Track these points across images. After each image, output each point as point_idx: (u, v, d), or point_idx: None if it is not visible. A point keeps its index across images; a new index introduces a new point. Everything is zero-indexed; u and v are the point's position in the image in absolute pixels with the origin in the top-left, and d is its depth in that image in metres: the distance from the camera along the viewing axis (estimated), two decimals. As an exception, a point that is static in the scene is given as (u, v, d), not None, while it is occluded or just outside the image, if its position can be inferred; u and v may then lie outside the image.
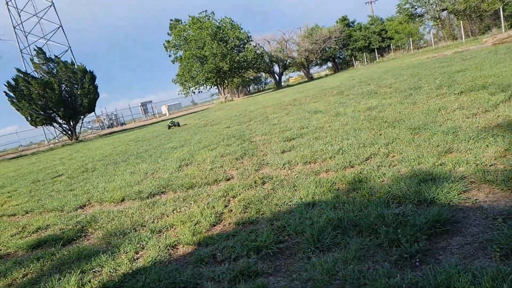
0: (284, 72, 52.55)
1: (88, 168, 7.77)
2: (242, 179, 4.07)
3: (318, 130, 6.06)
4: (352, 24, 50.70)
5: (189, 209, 3.39)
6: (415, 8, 38.53)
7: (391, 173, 3.07)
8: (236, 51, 39.79)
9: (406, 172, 3.05)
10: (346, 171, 3.47)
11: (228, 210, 3.17)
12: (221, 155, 5.83)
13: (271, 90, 48.07)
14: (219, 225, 2.90)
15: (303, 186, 3.31)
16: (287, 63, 49.57)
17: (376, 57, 44.56)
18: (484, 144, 3.20)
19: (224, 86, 41.25)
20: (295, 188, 3.33)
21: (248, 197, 3.35)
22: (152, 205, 3.80)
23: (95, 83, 25.14)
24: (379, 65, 31.38)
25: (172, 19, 41.08)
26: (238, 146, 6.26)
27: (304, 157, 4.35)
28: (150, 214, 3.49)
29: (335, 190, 3.03)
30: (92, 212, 4.10)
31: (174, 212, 3.40)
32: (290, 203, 2.97)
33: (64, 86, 23.84)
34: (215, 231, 2.79)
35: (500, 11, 23.95)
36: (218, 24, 39.04)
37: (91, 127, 44.48)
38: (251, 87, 60.90)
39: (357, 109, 7.35)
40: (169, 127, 15.31)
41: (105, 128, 43.63)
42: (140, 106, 51.27)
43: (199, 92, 43.01)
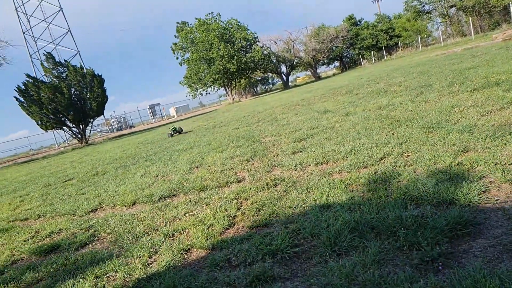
0: (291, 72, 52.43)
1: (99, 171, 7.82)
2: (254, 181, 4.04)
3: (328, 130, 6.00)
4: (359, 23, 50.40)
5: (201, 212, 3.37)
6: (423, 5, 38.10)
7: (407, 173, 3.01)
8: (243, 52, 39.85)
9: (422, 172, 2.98)
10: (360, 172, 3.41)
11: (241, 212, 3.14)
12: (231, 156, 5.80)
13: (278, 90, 47.99)
14: (232, 228, 2.87)
15: (316, 187, 3.26)
16: (294, 63, 49.45)
17: (384, 55, 44.19)
18: (501, 142, 3.11)
19: (232, 87, 41.31)
20: (308, 190, 3.28)
21: (260, 199, 3.32)
22: (164, 208, 3.78)
23: (103, 87, 25.39)
24: (387, 63, 31.11)
25: (178, 22, 41.31)
26: (248, 148, 6.23)
27: (316, 158, 4.30)
28: (162, 217, 3.47)
29: (350, 191, 2.98)
30: (104, 215, 4.10)
31: (186, 215, 3.38)
32: (304, 205, 2.93)
33: (73, 90, 24.11)
34: (229, 234, 2.76)
35: (509, 6, 23.56)
36: (224, 25, 39.14)
37: (100, 130, 44.91)
38: (258, 88, 60.88)
39: (367, 108, 7.27)
40: (171, 135, 12.77)
41: (114, 131, 44.03)
42: (148, 108, 51.62)
43: (206, 93, 43.20)
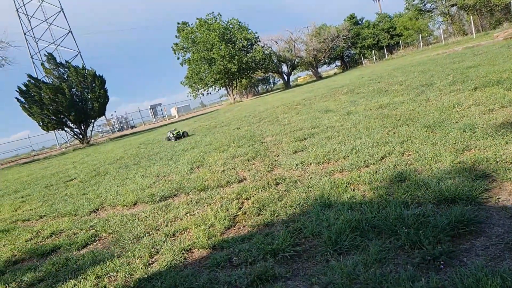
0: (292, 72, 52.37)
1: (100, 171, 7.83)
2: (255, 181, 4.04)
3: (329, 129, 5.99)
4: (360, 22, 50.34)
5: (202, 212, 3.37)
6: (424, 4, 38.03)
7: (408, 172, 3.00)
8: (244, 51, 39.80)
9: (423, 171, 2.97)
10: (361, 171, 3.41)
11: (242, 212, 3.14)
12: (232, 156, 5.80)
13: (279, 90, 47.96)
14: (234, 228, 2.87)
15: (317, 187, 3.25)
16: (295, 63, 49.38)
17: (385, 54, 44.13)
18: (503, 140, 3.10)
19: (233, 87, 41.28)
20: (309, 189, 3.28)
21: (261, 199, 3.32)
22: (165, 208, 3.79)
23: (105, 87, 25.41)
24: (388, 62, 31.06)
25: (179, 22, 41.30)
26: (249, 147, 6.23)
27: (317, 157, 4.30)
28: (163, 217, 3.48)
29: (351, 190, 2.98)
30: (105, 216, 4.11)
31: (187, 215, 3.38)
32: (305, 205, 2.93)
33: (74, 91, 24.13)
34: (230, 234, 2.76)
35: (510, 5, 23.48)
36: (225, 25, 39.11)
37: (101, 130, 44.95)
38: (259, 88, 60.84)
39: (368, 107, 7.25)
40: (175, 139, 10.89)
41: (115, 131, 44.07)
42: (150, 108, 51.65)
43: (208, 93, 43.18)
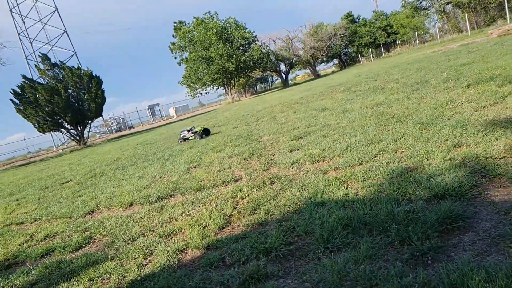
0: (290, 71, 52.42)
1: (96, 173, 7.83)
2: (251, 180, 4.06)
3: (325, 127, 6.02)
4: (357, 20, 50.39)
5: (197, 212, 3.39)
6: (420, 2, 38.13)
7: (400, 169, 3.03)
8: (241, 51, 39.80)
9: (415, 168, 3.00)
10: (355, 169, 3.44)
11: (237, 212, 3.16)
12: (229, 156, 5.82)
13: (278, 89, 47.99)
14: (228, 227, 2.89)
15: (311, 185, 3.28)
16: (293, 61, 49.41)
17: (382, 52, 44.20)
18: (493, 137, 3.14)
19: (231, 86, 41.29)
20: (303, 187, 3.30)
21: (256, 198, 3.34)
22: (161, 209, 3.80)
23: (101, 88, 25.35)
24: (385, 60, 31.13)
25: (175, 21, 41.24)
26: (246, 147, 6.25)
27: (312, 155, 4.32)
28: (158, 218, 3.49)
29: (344, 188, 3.00)
30: (100, 218, 4.12)
31: (182, 215, 3.40)
32: (299, 203, 2.95)
33: (70, 91, 24.06)
34: (224, 234, 2.79)
35: (505, 2, 23.57)
36: (222, 24, 39.08)
37: (99, 131, 44.88)
38: (258, 87, 60.85)
39: (364, 105, 7.29)
40: (198, 137, 9.14)
41: (113, 132, 44.00)
42: (148, 109, 51.58)
43: (206, 93, 43.17)
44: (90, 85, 24.32)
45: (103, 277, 2.53)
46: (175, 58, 41.61)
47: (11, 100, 22.23)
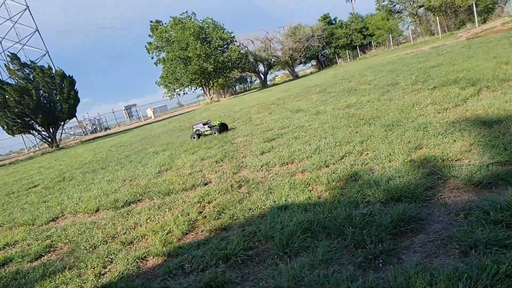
0: (269, 71, 52.58)
1: (66, 177, 7.59)
2: (220, 183, 4.04)
3: (298, 129, 6.07)
4: (334, 22, 51.14)
5: (163, 217, 3.33)
6: (394, 5, 39.14)
7: (363, 171, 3.09)
8: (220, 51, 39.57)
9: (377, 170, 3.06)
10: (321, 171, 3.47)
11: (202, 216, 3.13)
12: (201, 158, 5.78)
13: (257, 89, 48.05)
14: (192, 233, 2.86)
15: (278, 188, 3.29)
16: (272, 62, 49.58)
17: (359, 54, 45.04)
18: (451, 139, 3.24)
19: (209, 87, 40.98)
20: (270, 191, 3.31)
21: (223, 202, 3.32)
22: (127, 214, 3.72)
23: (75, 88, 24.60)
24: (361, 61, 31.74)
25: (152, 21, 40.58)
26: (219, 149, 6.22)
27: (282, 158, 4.35)
28: (123, 224, 3.41)
29: (309, 191, 3.03)
30: (64, 224, 3.98)
31: (148, 221, 3.34)
32: (263, 207, 2.95)
33: (42, 92, 23.23)
34: (187, 239, 2.75)
35: (473, 6, 24.55)
36: (200, 24, 38.75)
37: (73, 133, 43.57)
38: (237, 87, 60.73)
39: (337, 107, 7.40)
40: (216, 132, 8.08)
41: (88, 133, 42.83)
42: (124, 109, 50.51)
43: (184, 93, 42.66)
44: (62, 85, 23.57)
45: (59, 288, 2.44)
46: (152, 58, 40.94)
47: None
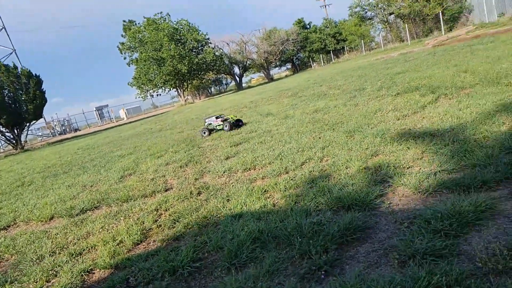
0: (244, 74, 52.62)
1: (25, 181, 7.24)
2: (180, 190, 3.96)
3: (265, 133, 6.07)
4: (308, 26, 51.84)
5: (116, 226, 3.22)
6: (365, 11, 40.12)
7: (320, 178, 3.10)
8: (194, 53, 39.20)
9: (334, 177, 3.09)
10: (281, 178, 3.47)
11: (157, 225, 3.05)
12: (166, 163, 5.66)
13: (232, 91, 47.91)
14: (144, 243, 2.77)
15: (235, 196, 3.25)
16: (247, 65, 49.64)
17: (332, 58, 45.84)
18: (405, 146, 3.32)
19: (184, 88, 40.47)
20: (227, 198, 3.27)
21: (180, 210, 3.25)
22: (81, 223, 3.57)
23: (41, 88, 23.63)
24: (334, 66, 32.31)
25: (125, 20, 39.70)
26: (185, 153, 6.12)
27: (245, 163, 4.32)
28: (75, 234, 3.26)
29: (265, 199, 3.01)
30: (14, 234, 3.78)
31: (101, 230, 3.21)
32: (219, 215, 2.91)
33: (6, 92, 22.17)
34: (138, 250, 2.66)
35: (440, 15, 25.57)
36: (174, 25, 38.27)
37: (41, 134, 41.84)
38: (212, 89, 60.35)
39: (305, 111, 7.46)
40: (227, 126, 7.34)
41: (56, 135, 41.22)
42: (95, 110, 49.01)
43: (157, 95, 41.92)
44: (28, 85, 22.58)
45: (-5, 305, 2.29)
46: (125, 58, 40.04)
47: None
